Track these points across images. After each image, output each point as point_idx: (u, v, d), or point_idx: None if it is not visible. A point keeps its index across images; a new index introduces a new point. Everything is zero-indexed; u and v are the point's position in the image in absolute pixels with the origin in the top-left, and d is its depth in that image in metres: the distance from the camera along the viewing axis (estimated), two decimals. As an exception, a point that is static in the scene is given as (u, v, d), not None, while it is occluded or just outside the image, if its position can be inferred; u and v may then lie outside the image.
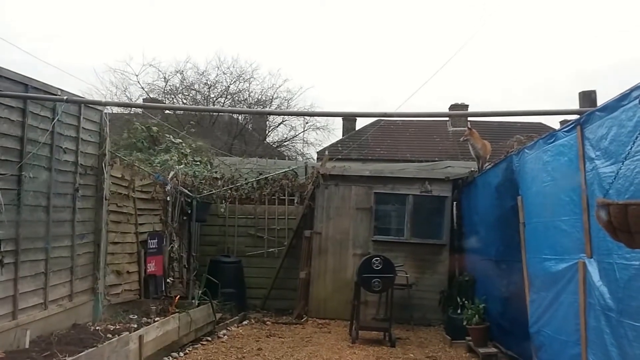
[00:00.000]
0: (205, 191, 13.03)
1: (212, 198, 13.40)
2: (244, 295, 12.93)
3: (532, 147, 7.62)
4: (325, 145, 31.33)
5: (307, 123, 28.67)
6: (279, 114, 29.34)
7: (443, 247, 12.56)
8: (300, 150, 30.01)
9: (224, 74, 26.77)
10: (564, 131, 6.62)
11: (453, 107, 33.58)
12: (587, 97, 6.55)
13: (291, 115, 30.16)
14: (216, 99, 26.41)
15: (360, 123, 35.51)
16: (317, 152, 31.43)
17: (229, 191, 13.64)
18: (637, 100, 4.75)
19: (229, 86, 26.70)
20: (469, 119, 16.45)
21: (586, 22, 55.16)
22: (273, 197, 13.80)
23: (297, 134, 29.03)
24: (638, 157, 4.63)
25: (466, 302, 10.10)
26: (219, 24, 48.04)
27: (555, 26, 52.82)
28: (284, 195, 13.76)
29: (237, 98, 27.12)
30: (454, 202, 12.83)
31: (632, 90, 4.89)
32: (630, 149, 4.67)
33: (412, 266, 12.34)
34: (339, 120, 34.80)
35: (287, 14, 51.08)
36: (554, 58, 50.88)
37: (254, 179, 13.83)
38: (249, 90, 27.52)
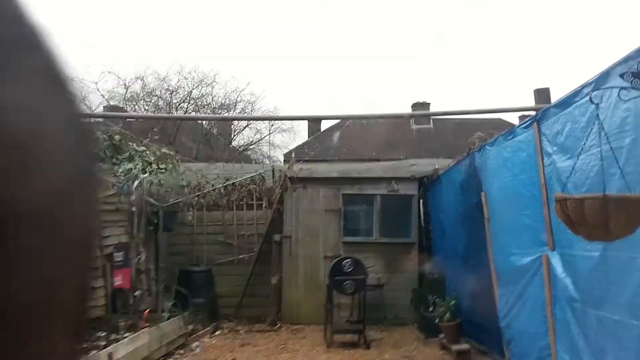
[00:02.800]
0: (171, 199, 12.90)
1: (179, 206, 13.26)
2: (216, 304, 12.80)
3: (493, 143, 7.74)
4: (291, 147, 31.31)
5: (272, 126, 28.59)
6: (244, 119, 29.15)
7: (412, 245, 12.63)
8: (266, 153, 29.93)
9: (186, 79, 26.56)
10: (521, 127, 6.75)
11: (415, 105, 34.03)
12: (542, 94, 6.68)
13: (255, 120, 30.01)
14: (179, 105, 26.19)
15: (326, 124, 35.69)
16: (284, 155, 31.44)
17: (196, 198, 13.52)
18: (589, 96, 4.85)
19: (191, 91, 26.49)
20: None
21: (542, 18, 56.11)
22: (241, 203, 13.71)
23: (262, 137, 28.95)
24: (592, 152, 4.73)
25: (437, 299, 10.17)
26: (179, 33, 47.64)
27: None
28: (252, 200, 13.68)
29: (200, 103, 26.92)
30: (421, 200, 12.93)
31: (583, 87, 5.01)
32: (584, 143, 4.76)
33: (382, 266, 12.39)
34: (305, 121, 34.83)
35: (251, 22, 51.10)
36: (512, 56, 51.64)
37: (221, 185, 13.73)
38: (212, 95, 27.36)
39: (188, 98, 26.40)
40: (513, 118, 36.28)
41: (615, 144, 4.32)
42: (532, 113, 6.65)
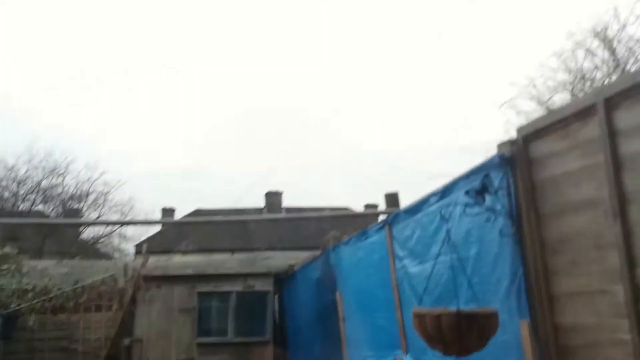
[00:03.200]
0: (13, 305, 11.81)
1: (21, 311, 12.14)
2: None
3: (347, 243, 8.00)
4: (145, 236, 30.18)
5: (125, 217, 27.48)
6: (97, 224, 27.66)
7: (267, 343, 12.45)
8: (117, 245, 28.56)
9: (36, 168, 25.01)
10: (374, 230, 7.05)
11: (268, 194, 34.96)
12: (391, 199, 7.06)
13: (108, 224, 28.55)
14: (26, 196, 24.48)
15: (179, 214, 35.06)
16: (136, 246, 30.23)
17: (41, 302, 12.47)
18: (439, 211, 5.20)
19: (40, 181, 24.93)
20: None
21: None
22: (91, 303, 12.84)
23: (114, 229, 27.63)
24: (441, 259, 5.02)
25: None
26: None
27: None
28: (102, 301, 12.88)
29: (49, 194, 25.38)
30: (276, 295, 12.89)
31: (430, 195, 5.37)
32: (434, 251, 5.06)
33: (237, 366, 12.06)
34: (158, 211, 33.95)
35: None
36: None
37: (69, 289, 12.76)
38: (62, 185, 25.91)
39: (37, 189, 24.81)
40: (359, 207, 38.22)
41: (462, 253, 4.64)
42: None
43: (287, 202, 35.90)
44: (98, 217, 27.16)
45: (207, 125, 55.70)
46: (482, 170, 4.31)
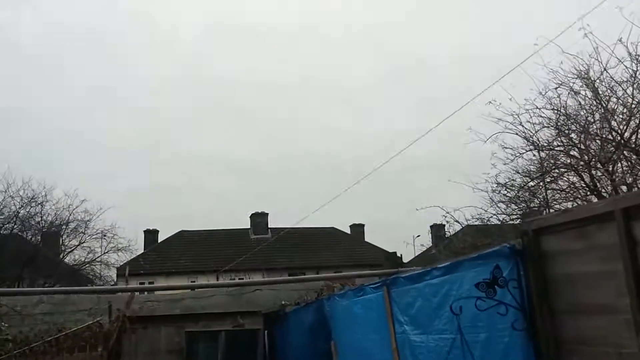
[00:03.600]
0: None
1: (1, 361, 11.74)
2: None
3: (343, 296, 7.85)
4: (127, 259, 29.67)
5: (108, 244, 26.94)
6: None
7: (259, 381, 12.23)
8: (99, 272, 28.00)
9: (12, 198, 24.43)
10: (371, 287, 6.91)
11: (253, 215, 34.88)
12: (392, 258, 6.93)
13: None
14: (3, 226, 23.90)
15: (163, 235, 34.75)
16: (117, 268, 29.77)
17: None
18: (439, 279, 5.08)
19: (18, 211, 24.37)
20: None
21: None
22: (74, 346, 12.47)
23: (96, 257, 27.08)
24: (445, 336, 4.89)
25: None
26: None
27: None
28: (86, 343, 12.52)
29: (27, 223, 24.83)
30: (266, 331, 12.67)
31: (432, 269, 5.24)
32: (439, 326, 4.94)
33: (228, 407, 11.81)
34: (141, 236, 33.51)
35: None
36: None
37: (51, 337, 12.36)
38: (41, 214, 25.36)
39: (15, 218, 24.22)
40: (345, 227, 38.28)
41: (470, 337, 4.51)
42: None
43: (272, 222, 35.80)
44: (79, 245, 26.61)
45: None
46: (491, 258, 4.19)
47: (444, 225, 22.13)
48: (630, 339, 3.25)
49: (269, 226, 34.84)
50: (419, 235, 26.81)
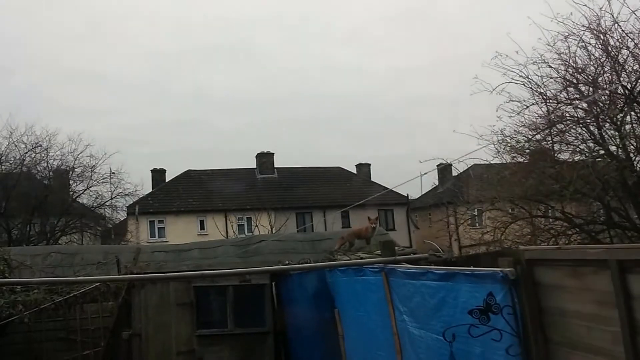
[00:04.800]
0: (4, 313, 11.72)
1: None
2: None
3: (344, 271, 7.92)
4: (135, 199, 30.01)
5: (115, 189, 27.16)
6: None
7: (267, 334, 12.51)
8: (109, 214, 28.36)
9: (16, 145, 24.46)
10: (371, 270, 6.95)
11: (259, 155, 34.84)
12: (388, 246, 6.94)
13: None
14: (9, 173, 24.05)
15: (170, 174, 34.92)
16: (127, 207, 30.17)
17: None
18: (436, 283, 5.10)
19: (23, 158, 24.44)
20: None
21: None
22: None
23: (103, 201, 27.31)
24: (443, 342, 4.95)
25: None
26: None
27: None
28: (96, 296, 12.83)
29: (34, 169, 24.97)
30: (274, 283, 12.88)
31: (428, 271, 5.26)
32: (436, 327, 5.01)
33: (238, 357, 12.13)
34: (149, 177, 33.69)
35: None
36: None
37: (61, 299, 12.64)
38: (47, 160, 25.43)
39: (21, 165, 24.32)
40: (351, 166, 38.37)
41: (465, 347, 4.57)
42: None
43: (278, 162, 35.82)
44: (86, 190, 26.81)
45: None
46: (484, 280, 4.18)
47: (451, 165, 22.22)
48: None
49: (275, 166, 34.91)
50: (426, 173, 26.76)
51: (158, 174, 34.38)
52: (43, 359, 12.52)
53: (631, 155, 11.65)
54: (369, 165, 38.30)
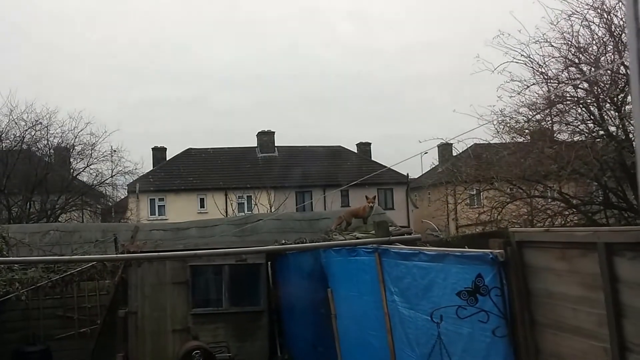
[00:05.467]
0: (1, 291, 11.72)
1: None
2: (54, 385, 11.91)
3: (338, 251, 7.89)
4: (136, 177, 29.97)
5: (115, 166, 27.08)
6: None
7: (262, 313, 12.54)
8: (109, 192, 28.34)
9: (16, 122, 24.32)
10: (364, 250, 6.92)
11: (260, 133, 34.73)
12: (382, 226, 6.90)
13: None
14: (9, 151, 23.96)
15: (171, 153, 34.88)
16: (128, 185, 30.16)
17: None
18: (427, 264, 5.06)
19: (23, 135, 24.34)
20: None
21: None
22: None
23: (104, 179, 27.25)
24: (432, 322, 4.92)
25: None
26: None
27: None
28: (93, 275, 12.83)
29: (34, 147, 24.89)
30: (269, 263, 12.88)
31: (420, 252, 5.21)
32: (425, 307, 4.98)
33: (233, 336, 12.19)
34: (148, 154, 33.64)
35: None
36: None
37: (58, 277, 12.63)
38: (47, 137, 25.33)
39: (21, 143, 24.22)
40: (352, 145, 38.26)
41: (453, 328, 4.54)
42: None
43: (279, 141, 35.70)
44: (86, 168, 26.73)
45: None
46: (474, 262, 4.13)
47: (451, 144, 22.16)
48: (609, 366, 3.24)
49: (276, 144, 34.84)
50: (426, 152, 26.79)
51: (159, 152, 34.40)
52: (40, 336, 12.56)
53: (630, 135, 11.56)
54: (370, 144, 38.29)
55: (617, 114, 11.88)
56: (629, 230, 3.42)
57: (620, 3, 11.17)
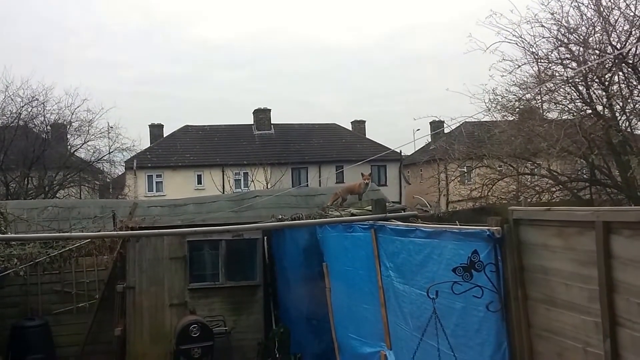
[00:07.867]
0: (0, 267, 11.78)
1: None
2: (54, 358, 12.02)
3: (334, 227, 7.97)
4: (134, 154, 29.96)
5: (113, 143, 27.03)
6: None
7: (257, 287, 12.66)
8: (107, 169, 28.33)
9: (12, 99, 24.19)
10: (360, 226, 7.01)
11: (256, 111, 34.67)
12: (380, 204, 6.98)
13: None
14: (6, 127, 23.88)
15: (168, 129, 34.81)
16: (125, 162, 30.14)
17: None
18: (422, 240, 5.14)
19: (20, 112, 24.22)
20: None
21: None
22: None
23: (101, 156, 27.21)
24: (426, 297, 5.01)
25: (282, 356, 10.38)
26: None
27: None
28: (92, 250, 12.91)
29: (31, 123, 24.80)
30: (265, 238, 12.98)
31: (416, 229, 5.30)
32: (420, 282, 5.07)
33: (229, 310, 12.32)
34: (145, 131, 33.59)
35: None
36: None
37: (56, 252, 12.69)
38: (44, 114, 25.22)
39: (17, 120, 24.12)
40: (347, 123, 38.29)
41: (446, 302, 4.64)
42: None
43: (275, 119, 35.68)
44: (83, 144, 26.69)
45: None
46: (470, 238, 4.21)
47: (443, 122, 22.29)
48: (598, 340, 3.35)
49: (272, 122, 34.85)
50: (419, 129, 27.02)
51: (156, 129, 34.39)
52: (39, 310, 12.64)
53: (617, 114, 11.71)
54: (364, 122, 38.41)
55: (604, 93, 12.02)
56: (629, 210, 3.51)
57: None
